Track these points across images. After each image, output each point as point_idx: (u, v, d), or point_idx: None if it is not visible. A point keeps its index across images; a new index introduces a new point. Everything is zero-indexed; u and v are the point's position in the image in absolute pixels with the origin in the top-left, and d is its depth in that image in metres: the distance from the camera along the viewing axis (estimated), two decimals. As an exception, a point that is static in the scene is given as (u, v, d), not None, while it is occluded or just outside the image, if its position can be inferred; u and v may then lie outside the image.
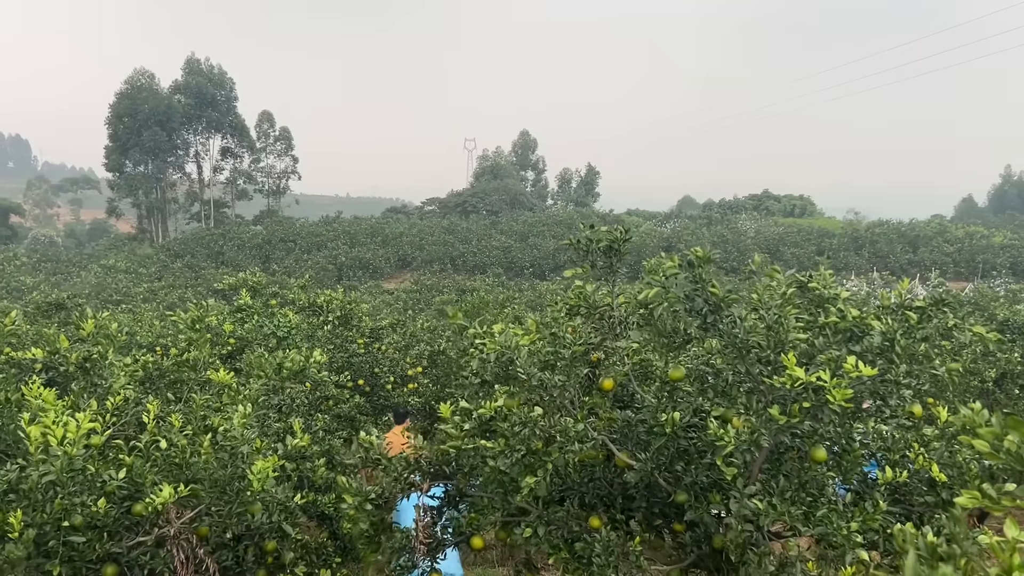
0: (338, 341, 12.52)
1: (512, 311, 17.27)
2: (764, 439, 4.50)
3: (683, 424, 5.20)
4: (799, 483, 5.11)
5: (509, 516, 5.73)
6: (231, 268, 61.51)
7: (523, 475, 5.20)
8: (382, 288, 55.11)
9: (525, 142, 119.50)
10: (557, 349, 5.26)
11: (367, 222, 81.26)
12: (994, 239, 66.95)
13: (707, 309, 4.88)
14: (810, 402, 4.41)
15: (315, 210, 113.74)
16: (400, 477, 5.58)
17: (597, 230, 5.88)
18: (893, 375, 4.64)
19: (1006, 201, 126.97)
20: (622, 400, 6.48)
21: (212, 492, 5.39)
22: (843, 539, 4.66)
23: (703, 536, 5.44)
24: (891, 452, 5.63)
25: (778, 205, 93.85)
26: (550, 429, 5.02)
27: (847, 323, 5.01)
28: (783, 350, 4.74)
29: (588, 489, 5.74)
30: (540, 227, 74.33)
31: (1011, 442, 2.52)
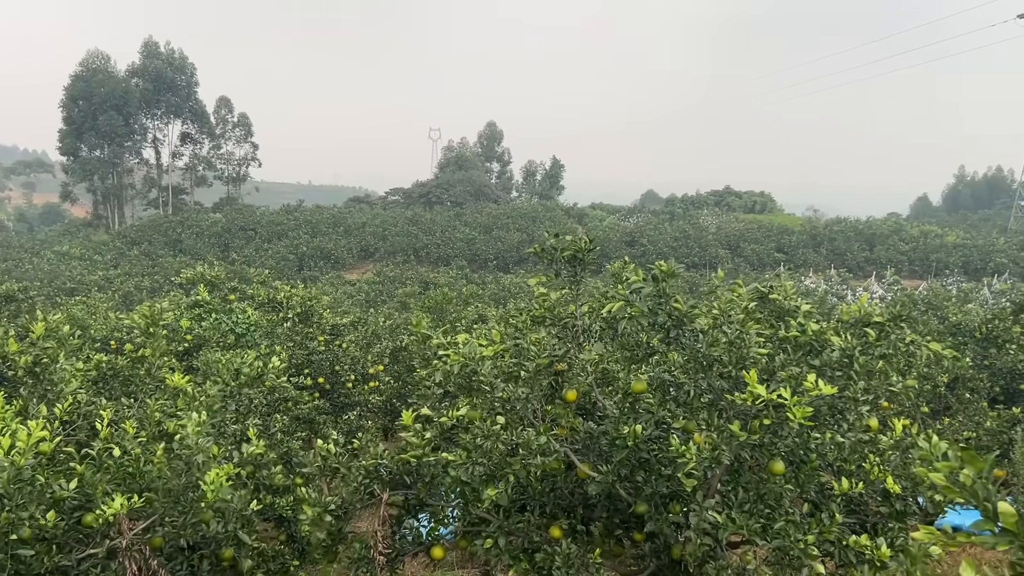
0: (298, 338, 12.35)
1: (475, 310, 17.21)
2: (725, 455, 4.53)
3: (644, 436, 5.21)
4: (757, 495, 5.16)
5: (470, 526, 5.71)
6: (190, 256, 60.50)
7: (485, 485, 5.19)
8: (344, 279, 54.58)
9: (491, 133, 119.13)
10: (521, 361, 5.24)
11: (329, 211, 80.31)
12: (947, 238, 68.45)
13: (670, 323, 4.89)
14: (771, 419, 4.45)
15: (276, 198, 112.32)
16: (360, 487, 5.52)
17: (562, 239, 5.86)
18: (852, 391, 4.69)
19: (959, 201, 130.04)
20: (585, 408, 6.48)
21: (166, 502, 5.28)
22: (799, 552, 4.72)
23: (662, 546, 5.47)
24: (847, 463, 5.70)
25: (739, 201, 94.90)
26: (512, 441, 5.00)
27: (807, 337, 5.06)
28: (744, 366, 4.77)
29: (550, 499, 5.74)
30: (505, 219, 74.18)
31: (966, 476, 2.55)
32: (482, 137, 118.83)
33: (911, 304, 31.44)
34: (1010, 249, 63.80)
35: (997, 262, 60.60)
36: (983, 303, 33.68)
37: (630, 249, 64.45)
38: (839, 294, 47.08)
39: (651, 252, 63.69)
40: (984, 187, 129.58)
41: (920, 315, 26.70)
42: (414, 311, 20.72)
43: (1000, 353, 12.36)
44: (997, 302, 32.83)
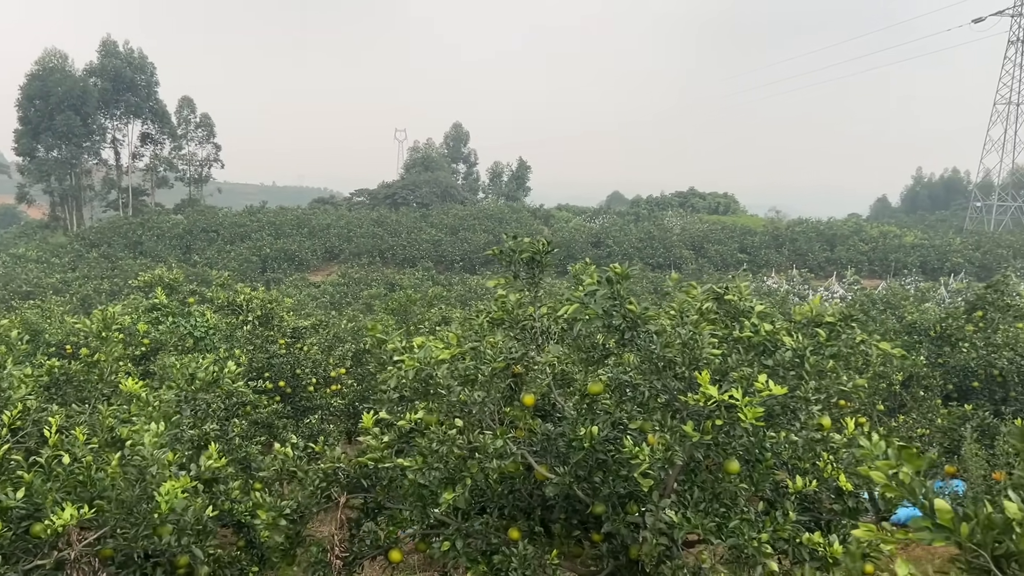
0: (258, 342, 12.21)
1: (439, 312, 17.17)
2: (678, 456, 4.57)
3: (601, 438, 5.24)
4: (713, 494, 5.21)
5: (429, 528, 5.69)
6: (150, 259, 59.53)
7: (443, 488, 5.18)
8: (308, 281, 54.17)
9: (457, 134, 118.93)
10: (478, 364, 5.24)
11: (293, 212, 79.55)
12: (905, 239, 69.82)
13: (625, 325, 4.92)
14: (723, 419, 4.50)
15: (239, 199, 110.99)
16: (317, 490, 5.48)
17: (520, 241, 5.88)
18: (803, 391, 4.77)
19: (917, 202, 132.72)
20: (544, 410, 6.50)
21: (118, 513, 5.18)
22: (754, 550, 4.78)
23: (620, 547, 5.50)
24: (801, 462, 5.79)
25: (703, 203, 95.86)
26: (469, 445, 5.00)
27: (760, 337, 5.12)
28: (698, 367, 4.82)
29: (508, 501, 5.75)
30: (471, 221, 74.13)
31: (905, 474, 2.61)
32: (448, 138, 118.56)
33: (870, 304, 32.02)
34: (965, 249, 65.29)
35: (953, 262, 61.98)
36: (940, 302, 34.43)
37: (596, 250, 64.79)
38: (801, 294, 47.79)
39: (617, 253, 64.10)
40: (941, 188, 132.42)
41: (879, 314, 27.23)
42: (378, 313, 20.63)
43: (954, 351, 12.63)
44: (953, 301, 33.59)
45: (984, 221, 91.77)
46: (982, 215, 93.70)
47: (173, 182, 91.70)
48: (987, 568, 2.43)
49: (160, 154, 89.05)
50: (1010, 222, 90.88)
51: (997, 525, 2.45)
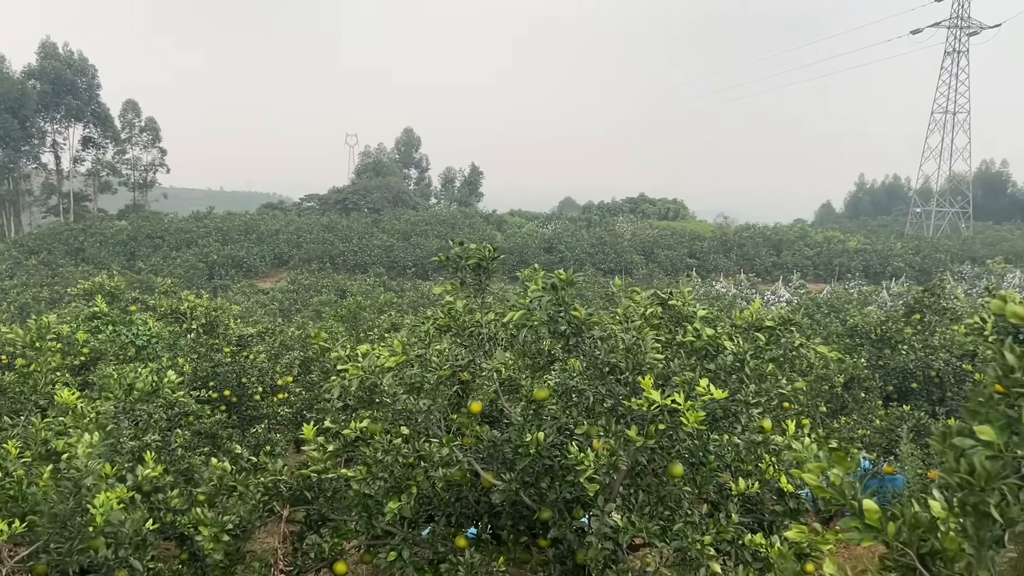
0: (202, 350, 11.96)
1: (389, 318, 17.05)
2: (622, 461, 4.60)
3: (548, 443, 5.25)
4: (658, 498, 5.26)
5: (374, 539, 5.63)
6: (93, 266, 57.96)
7: (388, 498, 5.13)
8: (257, 288, 53.32)
9: (409, 139, 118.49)
10: (423, 372, 5.21)
11: (241, 218, 78.30)
12: (849, 244, 71.58)
13: (570, 331, 4.94)
14: (666, 423, 4.54)
15: (186, 204, 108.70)
16: (259, 504, 5.39)
17: (466, 247, 5.87)
18: (743, 395, 4.84)
19: (860, 207, 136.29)
20: (491, 417, 6.49)
21: (51, 527, 5.02)
22: (697, 552, 4.84)
23: (567, 552, 5.52)
24: (744, 464, 5.88)
25: (653, 208, 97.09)
26: (414, 454, 4.96)
27: (702, 342, 5.20)
28: (641, 372, 4.87)
29: (455, 509, 5.73)
30: (423, 226, 73.87)
31: (835, 476, 2.66)
32: (400, 143, 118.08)
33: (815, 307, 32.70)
34: (906, 254, 67.22)
35: (895, 266, 63.75)
36: (882, 305, 35.36)
37: (548, 255, 65.11)
38: (748, 298, 48.61)
39: (569, 258, 64.48)
40: (883, 194, 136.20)
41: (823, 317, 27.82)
42: (327, 320, 20.39)
43: (893, 353, 12.96)
44: (895, 304, 34.53)
45: (923, 226, 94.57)
46: (921, 220, 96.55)
47: (117, 187, 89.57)
48: (913, 566, 2.49)
49: (103, 158, 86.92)
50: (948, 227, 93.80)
51: (923, 524, 2.52)
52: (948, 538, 2.46)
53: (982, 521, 2.31)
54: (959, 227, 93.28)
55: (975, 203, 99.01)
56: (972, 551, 2.40)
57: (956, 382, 11.59)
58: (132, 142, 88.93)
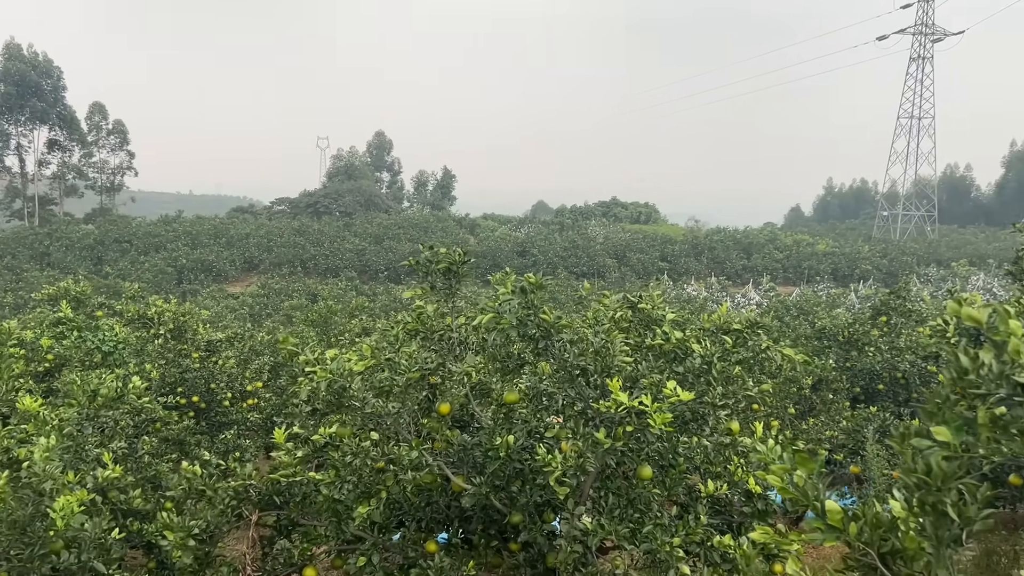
0: (170, 356, 11.82)
1: (360, 322, 16.96)
2: (590, 463, 4.62)
3: (518, 447, 5.25)
4: (627, 500, 5.29)
5: (344, 544, 5.60)
6: (59, 271, 57.02)
7: (358, 503, 5.11)
8: (226, 292, 52.77)
9: (380, 143, 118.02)
10: (392, 375, 5.19)
11: (211, 222, 77.48)
12: (818, 247, 72.48)
13: (539, 334, 4.96)
14: (633, 426, 4.57)
15: (154, 208, 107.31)
16: (227, 509, 5.33)
17: (436, 251, 5.87)
18: (711, 397, 4.88)
19: (829, 211, 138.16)
20: (462, 420, 6.48)
21: (11, 534, 4.93)
22: (666, 554, 4.86)
23: (537, 555, 5.52)
24: (713, 466, 5.92)
25: (625, 212, 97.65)
26: (384, 458, 4.94)
27: (671, 345, 5.24)
28: (610, 374, 4.89)
29: (426, 513, 5.71)
30: (396, 230, 73.61)
31: (799, 477, 2.70)
32: (371, 146, 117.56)
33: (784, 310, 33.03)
34: (873, 257, 68.21)
35: (863, 269, 64.65)
36: (850, 308, 35.84)
37: (522, 259, 65.18)
38: (719, 301, 49.01)
39: (542, 262, 64.60)
40: (850, 198, 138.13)
41: (792, 320, 28.11)
42: (298, 324, 20.24)
43: (860, 355, 13.14)
44: (862, 307, 35.02)
45: (890, 229, 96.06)
46: (888, 224, 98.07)
47: (83, 191, 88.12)
48: (875, 565, 2.53)
49: (69, 161, 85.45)
50: (914, 230, 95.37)
51: (883, 523, 2.56)
52: (908, 537, 2.50)
53: (940, 520, 2.35)
54: (925, 230, 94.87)
55: (940, 207, 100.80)
56: (931, 550, 2.44)
57: (922, 383, 11.77)
58: (99, 145, 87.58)
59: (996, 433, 2.12)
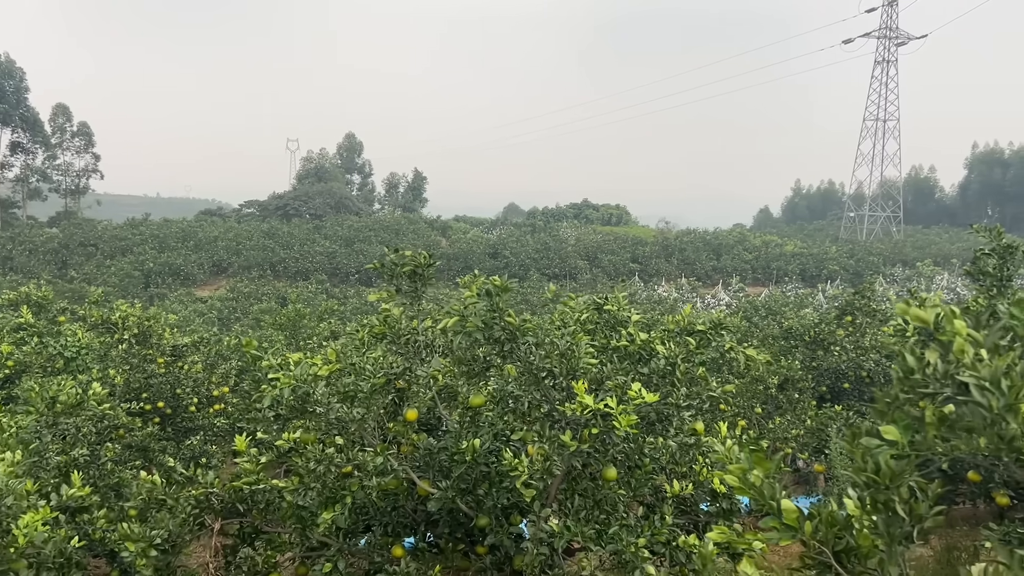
0: (135, 361, 11.64)
1: (329, 326, 16.84)
2: (556, 466, 4.62)
3: (484, 450, 5.24)
4: (594, 502, 5.30)
5: (309, 551, 5.55)
6: (22, 275, 55.95)
7: (322, 509, 5.06)
8: (195, 296, 52.17)
9: (351, 145, 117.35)
10: (357, 381, 5.15)
11: (179, 225, 76.50)
12: (786, 247, 73.29)
13: (504, 337, 4.95)
14: (599, 428, 4.58)
15: (120, 211, 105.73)
16: (189, 518, 5.26)
17: (401, 254, 5.85)
18: (675, 398, 4.91)
19: (797, 212, 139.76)
20: (429, 424, 6.46)
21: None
22: (631, 555, 4.88)
23: (504, 558, 5.51)
24: (678, 466, 5.95)
25: (596, 214, 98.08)
26: (348, 463, 4.90)
27: (636, 346, 5.26)
28: (575, 377, 4.90)
29: (392, 518, 5.67)
30: (367, 232, 73.21)
31: (756, 477, 2.72)
32: (341, 148, 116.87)
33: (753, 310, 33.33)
34: (840, 257, 69.10)
35: (830, 269, 65.45)
36: (818, 308, 36.27)
37: (494, 261, 65.15)
38: (689, 302, 49.35)
39: (514, 264, 64.63)
40: (818, 199, 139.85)
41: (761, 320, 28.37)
42: (266, 328, 20.05)
43: (826, 355, 13.31)
44: (830, 306, 35.46)
45: (857, 230, 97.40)
46: (855, 224, 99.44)
47: (47, 194, 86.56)
48: (829, 563, 2.56)
49: (32, 164, 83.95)
50: (880, 231, 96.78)
51: (838, 522, 2.58)
52: (862, 535, 2.53)
53: (892, 518, 2.38)
54: (891, 231, 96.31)
55: (905, 208, 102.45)
56: (884, 547, 2.47)
57: (886, 382, 11.96)
58: (63, 147, 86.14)
59: (943, 431, 2.15)
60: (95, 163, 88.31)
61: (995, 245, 7.15)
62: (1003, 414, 1.91)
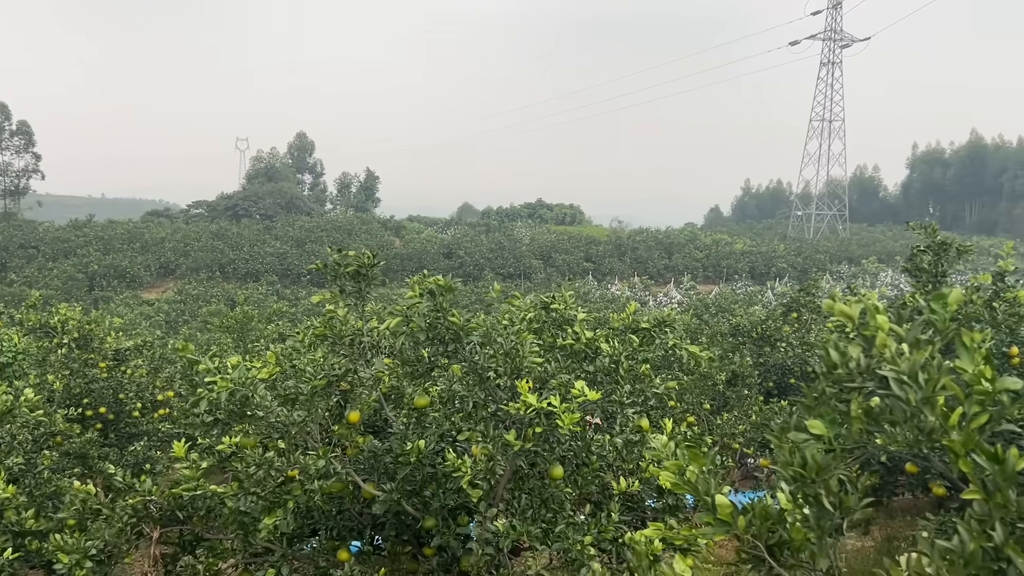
0: (75, 366, 11.33)
1: (277, 328, 16.60)
2: (500, 465, 4.61)
3: (429, 451, 5.21)
4: (540, 500, 5.29)
5: (253, 557, 5.45)
6: (-43, 278, 54.19)
7: (264, 514, 4.98)
8: (141, 299, 51.06)
9: (302, 144, 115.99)
10: (297, 383, 5.08)
11: (124, 226, 74.77)
12: (736, 246, 74.54)
13: (448, 337, 4.92)
14: (542, 427, 4.58)
15: (63, 213, 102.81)
16: (126, 527, 5.12)
17: (345, 254, 5.78)
18: (618, 395, 4.93)
19: (746, 211, 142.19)
20: (375, 426, 6.40)
21: None
22: (577, 553, 4.88)
23: (451, 559, 5.48)
24: (625, 463, 5.98)
25: (551, 213, 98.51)
26: (294, 466, 4.83)
27: (581, 345, 5.28)
28: (519, 375, 4.89)
29: (337, 522, 5.60)
30: (319, 232, 72.47)
31: (692, 473, 2.73)
32: (292, 148, 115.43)
33: (704, 308, 33.77)
34: (788, 255, 70.51)
35: (778, 267, 66.75)
36: (767, 305, 36.93)
37: (448, 261, 65.02)
38: (642, 300, 49.88)
39: (468, 264, 64.59)
40: (767, 198, 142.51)
41: (711, 318, 28.77)
42: (213, 331, 19.69)
43: (773, 351, 13.56)
44: (778, 304, 36.17)
45: (804, 228, 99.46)
46: (803, 223, 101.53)
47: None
48: (763, 557, 2.58)
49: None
50: (826, 229, 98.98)
51: (771, 516, 2.61)
52: (794, 529, 2.56)
53: (822, 511, 2.41)
54: (837, 229, 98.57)
55: (851, 206, 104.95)
56: (815, 540, 2.50)
57: (825, 377, 12.21)
58: (2, 147, 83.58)
59: (869, 425, 2.18)
60: (36, 163, 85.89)
61: (930, 242, 7.33)
62: (921, 407, 1.94)
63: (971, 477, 2.03)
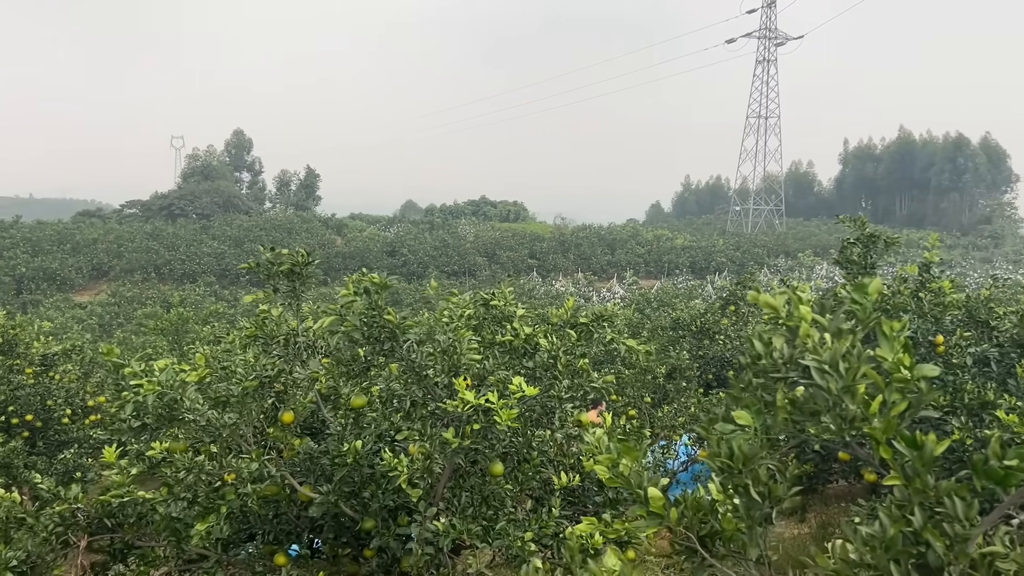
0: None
1: (212, 329, 16.24)
2: (437, 464, 4.57)
3: (367, 452, 5.14)
4: (481, 498, 5.27)
5: (187, 564, 5.30)
6: None
7: (197, 520, 4.85)
8: (73, 302, 49.45)
9: (239, 142, 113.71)
10: (228, 385, 4.95)
11: (54, 227, 72.30)
12: (676, 241, 75.67)
13: (384, 336, 4.86)
14: (480, 424, 4.56)
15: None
16: (51, 536, 4.93)
17: (277, 253, 5.67)
18: (556, 391, 4.94)
19: (687, 207, 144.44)
20: (313, 427, 6.29)
21: None
22: (518, 549, 4.88)
23: (391, 560, 5.42)
24: (566, 458, 6.00)
25: (495, 211, 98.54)
26: (222, 471, 4.71)
27: (519, 341, 5.27)
28: (457, 373, 4.86)
29: (274, 526, 5.49)
30: (258, 232, 71.18)
31: (625, 466, 2.74)
32: (230, 145, 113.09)
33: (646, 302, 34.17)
34: (727, 249, 71.85)
35: (718, 261, 67.96)
36: (707, 299, 37.55)
37: (392, 259, 64.53)
38: (586, 296, 50.30)
39: (412, 262, 64.19)
40: (707, 194, 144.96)
41: (653, 312, 29.10)
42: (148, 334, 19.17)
43: (712, 344, 13.78)
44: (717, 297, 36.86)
45: (743, 223, 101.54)
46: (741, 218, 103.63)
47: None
48: (695, 548, 2.60)
49: None
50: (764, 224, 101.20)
51: (703, 507, 2.64)
52: (725, 519, 2.59)
53: (751, 501, 2.44)
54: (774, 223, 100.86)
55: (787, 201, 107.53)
56: (745, 530, 2.53)
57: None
58: (-80, 144, 79.99)
59: (794, 414, 2.21)
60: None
61: (859, 235, 7.53)
62: (842, 395, 1.97)
63: (891, 463, 2.07)
